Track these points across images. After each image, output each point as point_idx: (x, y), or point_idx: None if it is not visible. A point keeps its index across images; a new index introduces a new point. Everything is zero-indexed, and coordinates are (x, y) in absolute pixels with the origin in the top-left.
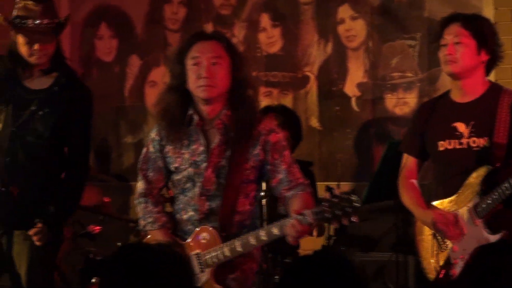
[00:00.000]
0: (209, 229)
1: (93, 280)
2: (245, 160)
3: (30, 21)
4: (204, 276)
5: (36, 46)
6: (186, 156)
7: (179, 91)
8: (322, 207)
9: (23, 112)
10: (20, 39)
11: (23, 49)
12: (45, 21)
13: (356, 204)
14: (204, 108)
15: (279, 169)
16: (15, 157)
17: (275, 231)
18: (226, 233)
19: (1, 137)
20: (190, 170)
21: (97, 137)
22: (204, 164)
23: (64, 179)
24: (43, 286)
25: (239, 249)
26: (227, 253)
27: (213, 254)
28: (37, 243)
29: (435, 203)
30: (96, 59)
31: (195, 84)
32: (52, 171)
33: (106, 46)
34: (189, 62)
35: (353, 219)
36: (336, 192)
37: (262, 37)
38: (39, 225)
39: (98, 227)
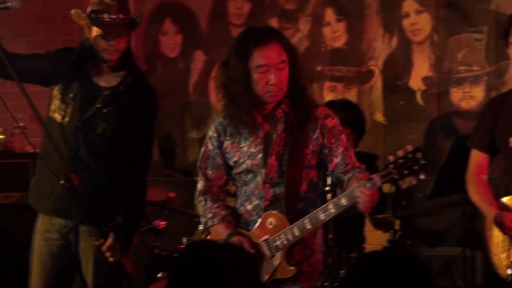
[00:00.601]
0: (275, 213)
1: (159, 275)
2: (306, 145)
3: (106, 15)
4: (276, 260)
5: (110, 41)
6: (245, 148)
7: (239, 89)
8: (388, 169)
9: (89, 107)
10: (95, 33)
11: (97, 44)
12: (121, 16)
13: (423, 161)
14: (267, 106)
15: (336, 152)
16: (78, 152)
17: (343, 201)
18: (292, 216)
19: (67, 130)
20: (248, 162)
21: (162, 133)
22: (260, 155)
23: (126, 183)
24: (109, 283)
25: (308, 226)
26: (297, 232)
27: (283, 236)
28: (110, 259)
29: (504, 199)
30: (161, 54)
31: (263, 89)
32: (114, 169)
33: (170, 42)
34: (256, 69)
35: (421, 176)
36: (400, 153)
37: (326, 31)
38: (110, 240)
39: (163, 222)
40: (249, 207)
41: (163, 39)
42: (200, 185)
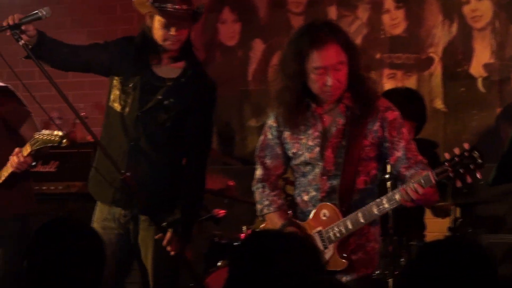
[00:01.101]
0: (329, 205)
1: (219, 264)
2: (364, 136)
3: (169, 5)
4: (328, 253)
5: (172, 31)
6: (303, 141)
7: (296, 82)
8: (444, 166)
9: (149, 98)
10: (157, 23)
11: (158, 33)
12: (184, 6)
13: (479, 161)
14: (327, 100)
15: (398, 146)
16: (138, 142)
17: (397, 197)
18: (345, 209)
19: (127, 120)
20: (306, 154)
21: (221, 121)
22: (317, 149)
23: (185, 175)
24: (170, 271)
25: (361, 220)
26: (350, 226)
27: (336, 229)
28: (172, 253)
29: None
30: (219, 43)
31: (320, 89)
32: (174, 160)
33: (229, 30)
34: (313, 70)
35: (477, 175)
36: (457, 151)
37: (385, 18)
38: (169, 234)
39: (222, 211)
40: (306, 197)
41: (221, 27)
42: (258, 173)
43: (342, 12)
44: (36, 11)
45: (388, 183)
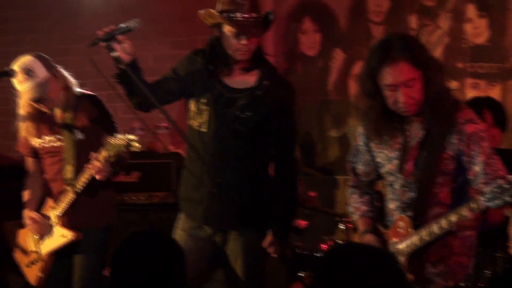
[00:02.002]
0: (404, 217)
1: (300, 274)
2: (443, 149)
3: (239, 15)
4: None
5: (243, 41)
6: (385, 151)
7: (374, 98)
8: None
9: (225, 111)
10: (227, 33)
11: (228, 44)
12: (253, 14)
13: None
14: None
15: (476, 161)
16: (220, 157)
17: (464, 212)
18: (419, 222)
19: (205, 136)
20: (388, 165)
21: (301, 131)
22: (396, 161)
23: (277, 184)
24: (258, 279)
25: (436, 231)
26: (425, 237)
27: (407, 242)
28: (274, 255)
29: None
30: (300, 53)
31: (393, 106)
32: (258, 171)
33: (310, 40)
34: (384, 86)
35: None
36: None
37: (467, 27)
38: (270, 237)
39: (304, 222)
40: (391, 206)
41: (302, 37)
42: (350, 178)
43: (423, 21)
44: (127, 23)
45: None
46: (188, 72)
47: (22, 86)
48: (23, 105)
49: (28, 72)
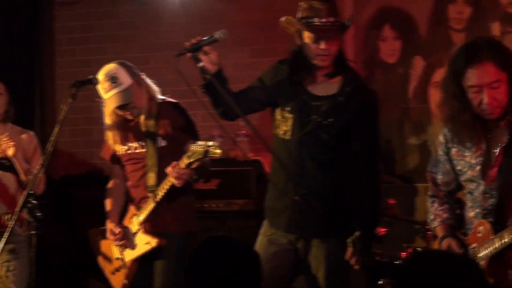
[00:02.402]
0: (484, 222)
1: (380, 282)
2: None
3: (316, 20)
4: None
5: (322, 45)
6: (467, 158)
7: (460, 100)
8: None
9: (308, 119)
10: (307, 39)
11: (309, 50)
12: (331, 19)
13: None
14: (490, 117)
15: None
16: (304, 165)
17: None
18: (500, 227)
19: (290, 145)
20: (469, 172)
21: (381, 139)
22: (479, 167)
23: (359, 191)
24: (342, 283)
25: (507, 239)
26: (497, 244)
27: (487, 246)
28: (356, 267)
29: None
30: (380, 61)
31: (477, 108)
32: (341, 179)
33: (389, 48)
34: (468, 88)
35: None
36: None
37: None
38: (351, 250)
39: (383, 229)
40: (471, 214)
41: (382, 45)
42: (430, 188)
43: (506, 28)
44: (214, 34)
45: None
46: (274, 81)
47: (107, 94)
48: (109, 114)
49: (113, 79)
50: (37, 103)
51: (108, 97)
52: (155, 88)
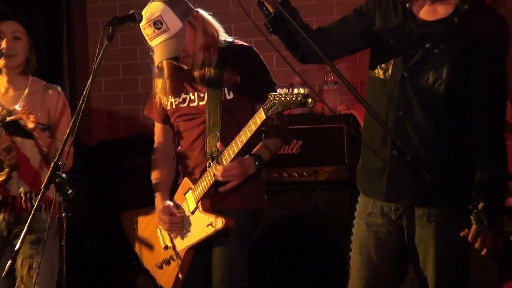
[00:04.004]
0: None
1: None
2: None
3: None
4: None
5: None
6: None
7: None
8: None
9: (415, 51)
10: None
11: None
12: None
13: None
14: None
15: None
16: (408, 110)
17: None
18: None
19: (391, 86)
20: None
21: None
22: None
23: (480, 152)
24: (456, 283)
25: None
26: None
27: None
28: (483, 253)
29: None
30: None
31: None
32: (454, 132)
33: None
34: None
35: None
36: None
37: None
38: (474, 228)
39: None
40: None
41: None
42: None
43: None
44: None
45: None
46: (375, 7)
47: (151, 42)
48: (157, 62)
49: (157, 24)
50: (65, 48)
51: (153, 46)
52: (217, 26)
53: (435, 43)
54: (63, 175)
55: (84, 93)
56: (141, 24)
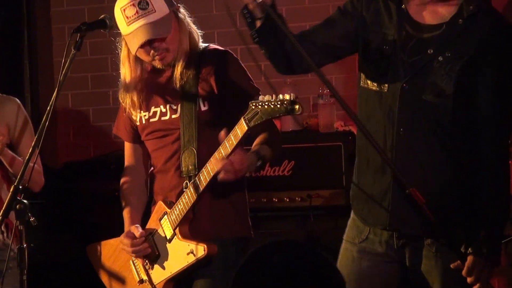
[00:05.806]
0: None
1: None
2: None
3: None
4: None
5: None
6: None
7: None
8: None
9: (416, 59)
10: None
11: None
12: None
13: None
14: None
15: None
16: (411, 128)
17: None
18: None
19: (389, 99)
20: None
21: None
22: None
23: (483, 174)
24: None
25: None
26: None
27: None
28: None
29: None
30: None
31: None
32: (461, 152)
33: None
34: None
35: None
36: None
37: None
38: (470, 259)
39: None
40: None
41: None
42: None
43: None
44: None
45: None
46: (363, 7)
47: (131, 25)
48: (127, 60)
49: (142, 4)
50: (26, 57)
51: (132, 30)
52: (195, 29)
53: (439, 49)
54: (24, 201)
55: (48, 108)
56: (120, 6)
